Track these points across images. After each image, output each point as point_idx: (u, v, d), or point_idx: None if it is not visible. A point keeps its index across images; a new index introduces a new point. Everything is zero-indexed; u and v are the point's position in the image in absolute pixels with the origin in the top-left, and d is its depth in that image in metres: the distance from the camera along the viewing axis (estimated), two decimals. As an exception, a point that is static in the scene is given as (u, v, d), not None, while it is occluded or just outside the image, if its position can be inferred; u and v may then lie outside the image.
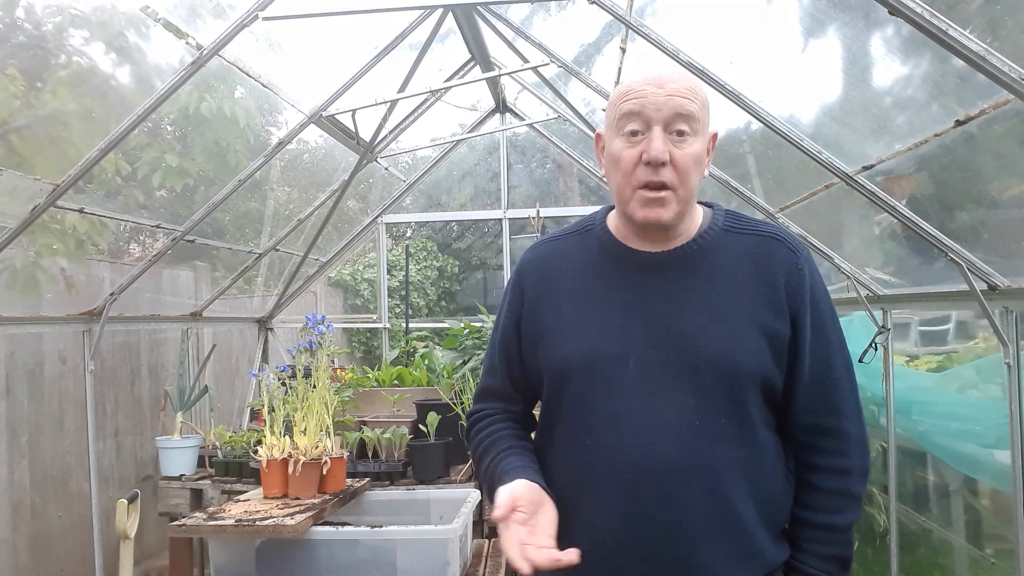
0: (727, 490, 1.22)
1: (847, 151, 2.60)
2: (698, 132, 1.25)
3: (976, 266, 2.37)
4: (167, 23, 2.68)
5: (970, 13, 1.82)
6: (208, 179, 3.63)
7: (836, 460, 1.30)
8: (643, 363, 1.25)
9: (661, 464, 1.21)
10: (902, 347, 3.55)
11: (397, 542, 2.15)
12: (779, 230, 1.36)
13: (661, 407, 1.23)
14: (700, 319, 1.25)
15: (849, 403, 1.30)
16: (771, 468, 1.29)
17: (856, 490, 1.30)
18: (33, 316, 3.14)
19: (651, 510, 1.22)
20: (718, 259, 1.29)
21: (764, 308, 1.26)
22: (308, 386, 2.53)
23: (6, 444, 3.22)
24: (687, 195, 1.26)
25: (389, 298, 6.34)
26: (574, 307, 1.33)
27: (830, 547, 1.30)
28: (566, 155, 5.62)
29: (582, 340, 1.29)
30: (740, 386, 1.23)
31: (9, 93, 2.47)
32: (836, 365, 1.30)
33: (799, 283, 1.28)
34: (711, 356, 1.23)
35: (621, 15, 2.81)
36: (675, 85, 1.23)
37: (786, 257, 1.30)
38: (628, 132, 1.25)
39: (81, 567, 3.45)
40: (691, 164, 1.24)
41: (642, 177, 1.23)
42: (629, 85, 1.27)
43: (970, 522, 3.00)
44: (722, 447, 1.23)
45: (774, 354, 1.25)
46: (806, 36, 2.49)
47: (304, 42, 3.40)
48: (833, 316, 1.32)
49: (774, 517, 1.29)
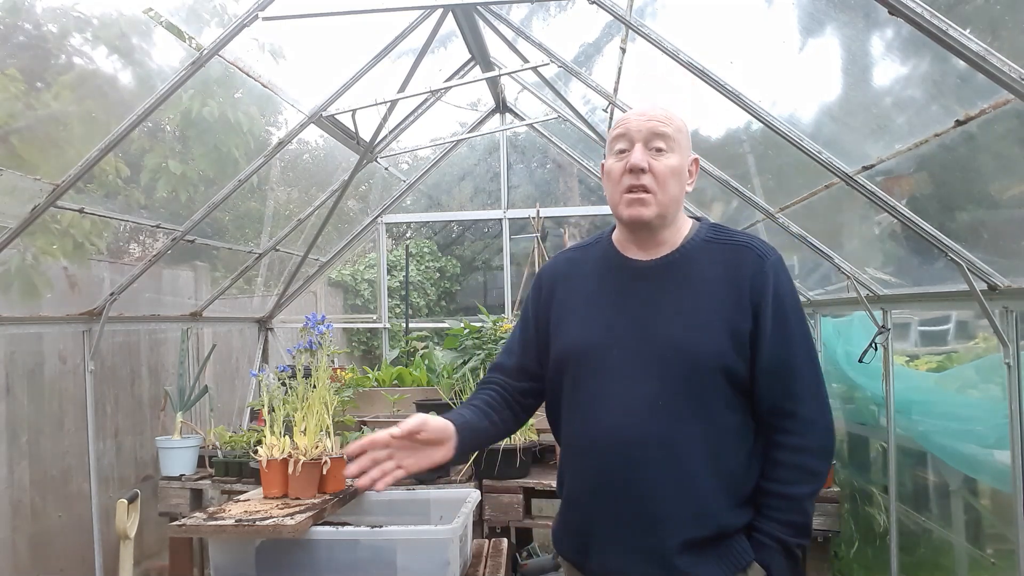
0: (684, 459, 1.46)
1: (847, 151, 2.60)
2: (674, 149, 1.53)
3: (976, 266, 2.37)
4: (169, 24, 2.69)
5: (970, 13, 1.82)
6: (208, 179, 3.63)
7: (792, 438, 1.50)
8: (623, 353, 1.52)
9: (629, 435, 1.49)
10: (902, 347, 3.55)
11: (397, 542, 2.15)
12: (752, 239, 1.57)
13: (633, 389, 1.50)
14: (672, 316, 1.51)
15: (807, 389, 1.51)
16: (731, 444, 1.50)
17: (811, 465, 1.51)
18: (33, 316, 3.14)
19: (621, 472, 1.49)
20: (695, 266, 1.54)
21: (729, 306, 1.49)
22: (308, 386, 2.52)
23: (6, 444, 3.22)
24: (666, 199, 1.52)
25: (389, 298, 6.34)
26: (576, 304, 1.62)
27: (787, 514, 1.50)
28: (566, 155, 5.62)
29: (579, 333, 1.58)
30: (702, 373, 1.47)
31: (10, 94, 2.47)
32: (795, 356, 1.50)
33: (762, 284, 1.50)
34: (676, 347, 1.48)
35: (621, 15, 2.81)
36: (653, 113, 1.55)
37: (753, 261, 1.52)
38: (617, 151, 1.56)
39: (81, 567, 3.45)
40: (668, 174, 1.51)
41: (626, 183, 1.52)
42: (621, 118, 1.59)
43: (970, 522, 3.00)
44: (681, 423, 1.47)
45: (736, 346, 1.47)
46: (806, 36, 2.49)
47: (304, 42, 3.40)
48: (797, 313, 1.53)
49: (734, 486, 1.50)
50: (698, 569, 1.46)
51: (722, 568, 1.48)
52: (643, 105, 1.60)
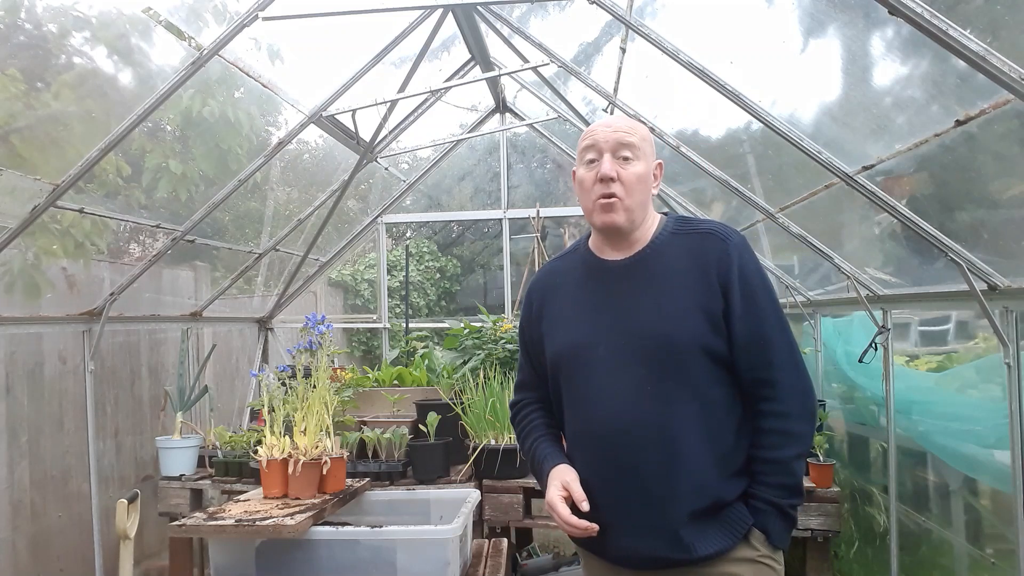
0: (676, 438, 1.56)
1: (847, 151, 2.60)
2: (640, 157, 1.64)
3: (976, 266, 2.37)
4: (169, 24, 2.68)
5: (970, 13, 1.82)
6: (208, 179, 3.63)
7: (773, 404, 1.60)
8: (609, 348, 1.63)
9: (623, 422, 1.59)
10: (902, 347, 3.55)
11: (397, 542, 2.15)
12: (715, 225, 1.68)
13: (622, 379, 1.61)
14: (648, 308, 1.62)
15: (781, 357, 1.60)
16: (721, 418, 1.60)
17: (794, 429, 1.60)
18: (33, 316, 3.14)
19: (620, 458, 1.60)
20: (665, 259, 1.66)
21: (700, 290, 1.60)
22: (308, 386, 2.53)
23: (6, 444, 3.22)
24: (633, 204, 1.64)
25: (389, 298, 6.34)
26: (563, 309, 1.74)
27: (777, 476, 1.59)
28: (566, 155, 5.62)
29: (567, 334, 1.71)
30: (682, 356, 1.57)
31: (10, 94, 2.47)
32: (768, 328, 1.60)
33: (727, 265, 1.60)
34: (654, 335, 1.59)
35: (621, 15, 2.81)
36: (619, 124, 1.67)
37: (716, 245, 1.62)
38: (587, 161, 1.67)
39: (81, 567, 3.45)
40: (635, 180, 1.63)
41: (598, 191, 1.64)
42: (589, 130, 1.70)
43: (970, 522, 3.00)
44: (671, 405, 1.57)
45: (711, 326, 1.58)
46: (806, 36, 2.49)
47: (304, 42, 3.40)
48: (764, 287, 1.63)
49: (726, 458, 1.59)
50: (703, 539, 1.56)
51: (724, 536, 1.57)
52: (608, 118, 1.75)
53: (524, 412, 1.88)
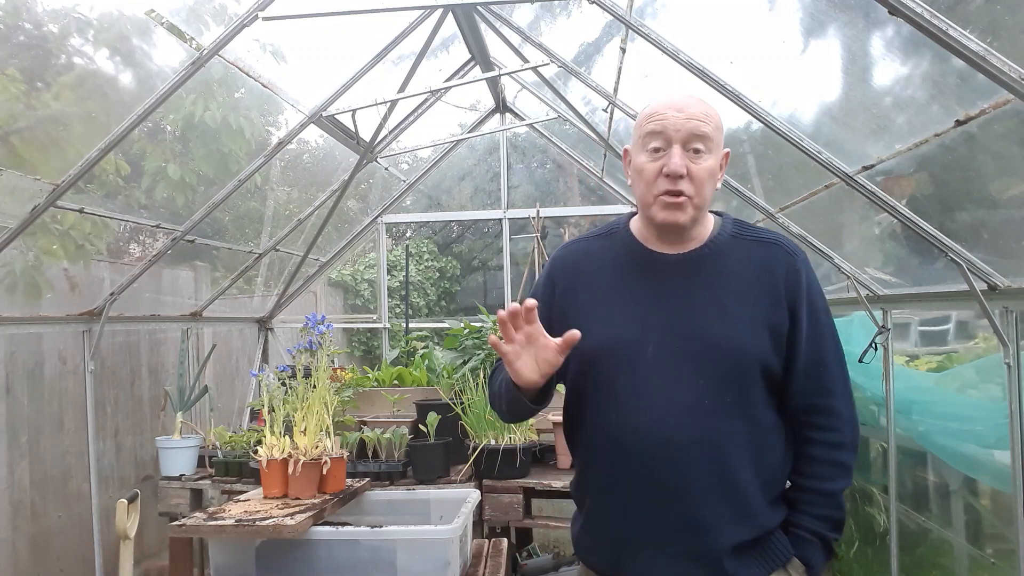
0: (729, 459, 1.43)
1: (847, 151, 2.60)
2: (712, 150, 1.46)
3: (976, 266, 2.37)
4: (171, 26, 2.69)
5: (970, 13, 1.82)
6: (208, 179, 3.63)
7: (828, 435, 1.51)
8: (660, 349, 1.46)
9: (675, 436, 1.43)
10: (902, 347, 3.55)
11: (397, 542, 2.15)
12: (779, 236, 1.57)
13: (676, 387, 1.44)
14: (709, 312, 1.47)
15: (839, 385, 1.53)
16: (771, 442, 1.49)
17: (846, 460, 1.52)
18: (33, 316, 3.14)
19: (664, 475, 1.44)
20: (726, 261, 1.51)
21: (765, 304, 1.47)
22: (308, 386, 2.52)
23: (6, 444, 3.22)
24: (701, 203, 1.47)
25: (389, 298, 6.34)
26: (601, 300, 1.55)
27: (825, 509, 1.51)
28: (566, 155, 5.62)
29: (609, 328, 1.51)
30: (744, 371, 1.45)
31: (10, 95, 2.47)
32: (828, 352, 1.51)
33: (796, 282, 1.49)
34: (719, 344, 1.45)
35: (621, 15, 2.81)
36: (693, 110, 1.45)
37: (785, 260, 1.51)
38: (651, 148, 1.46)
39: (81, 567, 3.45)
40: (705, 177, 1.46)
41: (662, 187, 1.45)
42: (654, 108, 1.48)
43: (970, 522, 3.00)
44: (726, 422, 1.44)
45: (774, 344, 1.47)
46: (806, 36, 2.49)
47: (304, 42, 3.40)
48: (826, 310, 1.54)
49: (771, 484, 1.50)
50: (744, 570, 1.46)
51: (764, 566, 1.48)
52: (680, 98, 1.47)
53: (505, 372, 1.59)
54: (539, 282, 1.66)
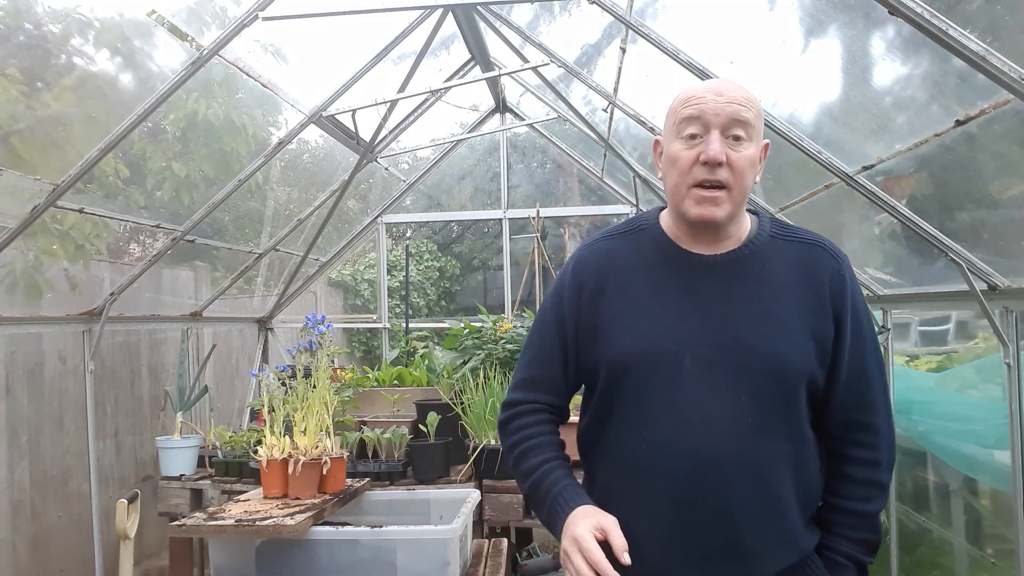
0: (773, 481, 1.32)
1: (847, 151, 2.60)
2: (752, 138, 1.34)
3: (976, 266, 2.37)
4: (171, 26, 2.69)
5: (970, 13, 1.82)
6: (209, 179, 3.63)
7: (867, 452, 1.40)
8: (699, 360, 1.33)
9: (716, 457, 1.30)
10: (902, 347, 3.55)
11: (397, 542, 2.15)
12: (821, 238, 1.44)
13: (717, 403, 1.32)
14: (752, 320, 1.34)
15: (880, 400, 1.40)
16: (810, 461, 1.38)
17: (884, 480, 1.41)
18: (33, 316, 3.14)
19: (704, 498, 1.31)
20: (767, 264, 1.38)
21: (810, 311, 1.35)
22: (308, 386, 2.53)
23: (6, 444, 3.22)
24: (740, 196, 1.34)
25: (389, 298, 6.34)
26: (630, 304, 1.40)
27: (860, 531, 1.40)
28: (566, 155, 5.62)
29: (639, 336, 1.37)
30: (790, 385, 1.33)
31: (11, 96, 2.47)
32: (871, 365, 1.39)
33: (841, 288, 1.37)
34: (763, 356, 1.32)
35: (621, 15, 2.81)
36: (733, 94, 1.33)
37: (829, 263, 1.39)
38: (687, 135, 1.33)
39: (81, 567, 3.45)
40: (746, 166, 1.33)
41: (698, 176, 1.32)
42: (691, 92, 1.35)
43: (970, 522, 3.00)
44: (772, 442, 1.32)
45: (819, 355, 1.35)
46: (806, 36, 2.49)
47: (304, 42, 3.40)
48: (869, 318, 1.42)
49: (808, 505, 1.39)
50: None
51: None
52: (718, 81, 1.36)
53: (528, 419, 1.49)
54: (563, 285, 1.49)
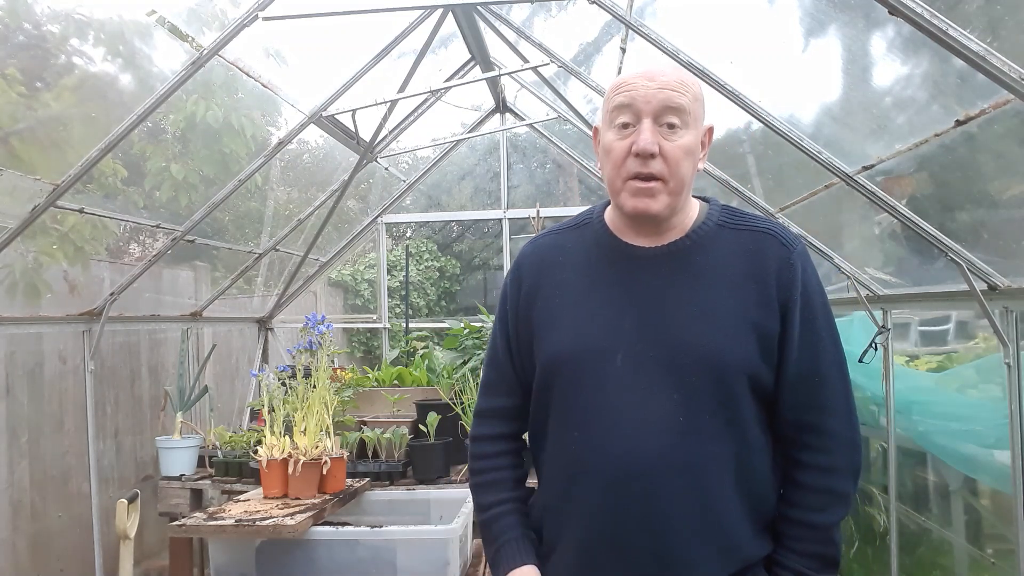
0: (709, 487, 1.24)
1: (847, 151, 2.60)
2: (689, 125, 1.26)
3: (976, 266, 2.37)
4: (172, 27, 2.69)
5: (970, 13, 1.82)
6: (209, 179, 3.63)
7: (820, 457, 1.29)
8: (630, 359, 1.26)
9: (644, 461, 1.23)
10: (902, 347, 3.55)
11: (397, 542, 2.16)
12: (774, 225, 1.35)
13: (646, 403, 1.24)
14: (688, 315, 1.26)
15: (837, 401, 1.31)
16: (758, 465, 1.29)
17: (840, 488, 1.30)
18: (33, 316, 3.14)
19: (631, 505, 1.23)
20: (710, 255, 1.30)
21: (753, 304, 1.26)
22: (308, 386, 2.53)
23: (6, 444, 3.22)
24: (677, 187, 1.27)
25: (389, 298, 6.34)
26: (566, 300, 1.34)
27: (812, 544, 1.29)
28: (566, 155, 5.62)
29: (573, 334, 1.31)
30: (726, 384, 1.24)
31: (10, 97, 2.47)
32: (824, 362, 1.30)
33: (790, 278, 1.28)
34: (697, 353, 1.24)
35: (621, 15, 2.81)
36: (665, 78, 1.25)
37: (778, 252, 1.30)
38: (619, 124, 1.27)
39: (81, 567, 3.45)
40: (681, 156, 1.25)
41: (632, 168, 1.25)
42: (622, 79, 1.29)
43: (970, 522, 3.00)
44: (706, 444, 1.24)
45: (763, 351, 1.26)
46: (806, 36, 2.49)
47: (304, 42, 3.40)
48: (826, 312, 1.32)
49: (759, 512, 1.30)
50: None
51: None
52: (652, 66, 1.28)
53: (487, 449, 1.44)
54: (506, 282, 1.44)
